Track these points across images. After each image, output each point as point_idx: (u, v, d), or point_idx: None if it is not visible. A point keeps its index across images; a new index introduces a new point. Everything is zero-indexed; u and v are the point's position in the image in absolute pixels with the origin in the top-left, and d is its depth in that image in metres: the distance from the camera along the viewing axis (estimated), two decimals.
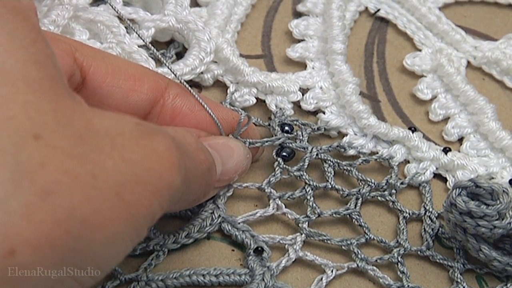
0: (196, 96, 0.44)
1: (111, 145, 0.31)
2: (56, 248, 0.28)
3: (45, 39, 0.33)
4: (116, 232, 0.31)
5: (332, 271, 0.45)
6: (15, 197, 0.27)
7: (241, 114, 0.46)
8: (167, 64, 0.46)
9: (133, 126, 0.33)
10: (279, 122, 0.49)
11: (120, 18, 0.49)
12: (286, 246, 0.45)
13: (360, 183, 0.48)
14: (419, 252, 0.46)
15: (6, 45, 0.30)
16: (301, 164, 0.47)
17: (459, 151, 0.51)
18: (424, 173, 0.49)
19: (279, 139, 0.47)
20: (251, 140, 0.46)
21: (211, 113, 0.44)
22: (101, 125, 0.31)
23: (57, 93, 0.31)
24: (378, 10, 0.57)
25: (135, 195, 0.31)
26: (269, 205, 0.46)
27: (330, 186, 0.47)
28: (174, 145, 0.34)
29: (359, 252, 0.45)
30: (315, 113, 0.51)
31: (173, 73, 0.45)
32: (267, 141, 0.47)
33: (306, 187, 0.47)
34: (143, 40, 0.47)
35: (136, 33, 0.47)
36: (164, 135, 0.34)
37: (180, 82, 0.44)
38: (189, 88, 0.44)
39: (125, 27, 0.50)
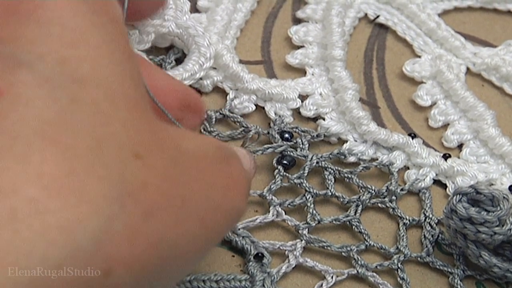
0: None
1: (197, 169, 0.30)
2: (147, 271, 0.28)
3: (135, 55, 0.32)
4: (194, 258, 0.30)
5: (332, 278, 0.45)
6: (119, 216, 0.26)
7: (252, 130, 0.46)
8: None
9: (215, 149, 0.32)
10: (278, 129, 0.49)
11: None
12: (286, 252, 0.45)
13: (361, 190, 0.48)
14: (419, 259, 0.46)
15: (107, 59, 0.29)
16: (301, 172, 0.47)
17: (458, 158, 0.51)
18: (424, 180, 0.49)
19: (281, 146, 0.48)
20: (252, 149, 0.46)
21: (156, 102, 0.38)
22: (188, 148, 0.31)
23: (150, 114, 0.30)
24: (378, 16, 0.57)
25: (214, 221, 0.31)
26: (269, 212, 0.46)
27: (330, 194, 0.47)
28: (244, 171, 0.34)
29: (359, 258, 0.45)
30: (314, 119, 0.51)
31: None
32: (268, 148, 0.47)
33: (306, 195, 0.47)
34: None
35: None
36: (238, 160, 0.34)
37: None
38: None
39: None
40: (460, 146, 0.52)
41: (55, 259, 0.25)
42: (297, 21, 0.56)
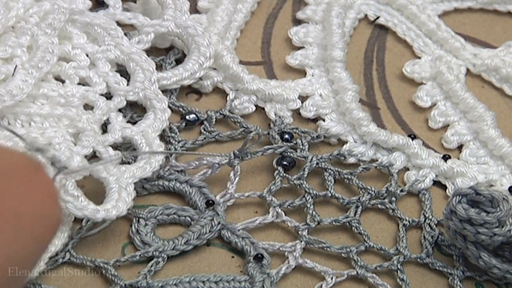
0: None
1: (4, 180, 0.30)
2: None
3: None
4: (29, 272, 0.30)
5: (331, 278, 0.45)
6: None
7: (252, 131, 0.46)
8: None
9: (19, 157, 0.32)
10: (278, 130, 0.49)
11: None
12: (286, 253, 0.45)
13: (361, 191, 0.48)
14: (418, 260, 0.46)
15: None
16: (301, 173, 0.47)
17: (458, 159, 0.51)
18: (424, 181, 0.49)
19: (281, 147, 0.48)
20: (252, 150, 0.46)
21: None
22: None
23: None
24: (378, 17, 0.57)
25: (42, 230, 0.31)
26: (269, 213, 0.46)
27: (330, 195, 0.47)
28: (53, 180, 0.34)
29: (359, 259, 0.45)
30: (314, 120, 0.51)
31: None
32: (268, 149, 0.47)
33: (306, 196, 0.47)
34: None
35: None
36: (46, 169, 0.34)
37: None
38: None
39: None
40: (460, 147, 0.52)
41: None
42: (297, 22, 0.56)
